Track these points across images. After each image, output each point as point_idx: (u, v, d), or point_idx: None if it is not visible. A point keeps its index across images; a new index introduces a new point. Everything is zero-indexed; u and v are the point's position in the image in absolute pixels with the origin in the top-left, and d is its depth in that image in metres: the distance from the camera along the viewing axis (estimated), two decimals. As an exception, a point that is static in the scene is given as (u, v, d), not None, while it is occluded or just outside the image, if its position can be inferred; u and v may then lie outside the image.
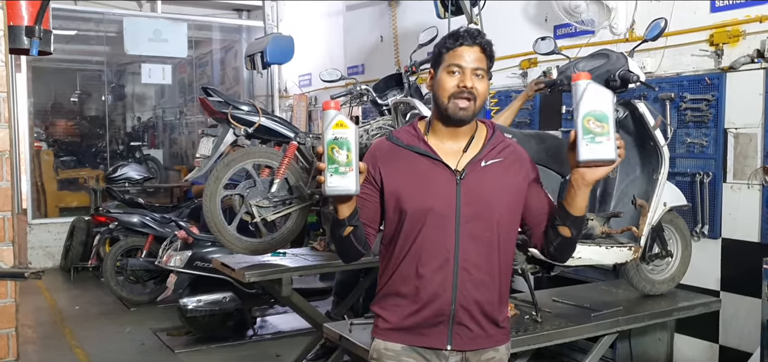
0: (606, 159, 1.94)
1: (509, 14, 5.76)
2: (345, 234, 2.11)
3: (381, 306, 2.27)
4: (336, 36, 8.65)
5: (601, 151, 1.94)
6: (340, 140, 1.95)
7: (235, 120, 4.43)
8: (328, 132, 1.96)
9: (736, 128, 4.27)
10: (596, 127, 1.93)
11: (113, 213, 7.48)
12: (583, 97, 1.94)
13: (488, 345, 2.24)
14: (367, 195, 2.20)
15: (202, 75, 12.31)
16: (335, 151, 1.95)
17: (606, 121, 1.93)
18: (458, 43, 2.15)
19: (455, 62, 2.14)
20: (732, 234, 4.34)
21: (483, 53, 2.15)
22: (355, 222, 2.10)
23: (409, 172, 2.18)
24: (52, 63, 11.28)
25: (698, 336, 4.52)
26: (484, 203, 2.16)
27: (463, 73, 2.13)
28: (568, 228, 2.14)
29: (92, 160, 11.68)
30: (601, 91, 1.95)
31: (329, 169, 1.95)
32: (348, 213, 2.07)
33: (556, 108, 5.39)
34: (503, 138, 2.26)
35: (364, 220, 2.19)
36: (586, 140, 1.94)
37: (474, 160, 2.18)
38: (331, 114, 1.97)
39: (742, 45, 4.21)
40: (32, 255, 9.40)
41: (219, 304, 5.83)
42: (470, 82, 2.13)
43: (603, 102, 1.94)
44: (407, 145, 2.21)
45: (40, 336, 6.31)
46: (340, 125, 1.96)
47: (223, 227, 4.34)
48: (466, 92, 2.13)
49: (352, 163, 1.95)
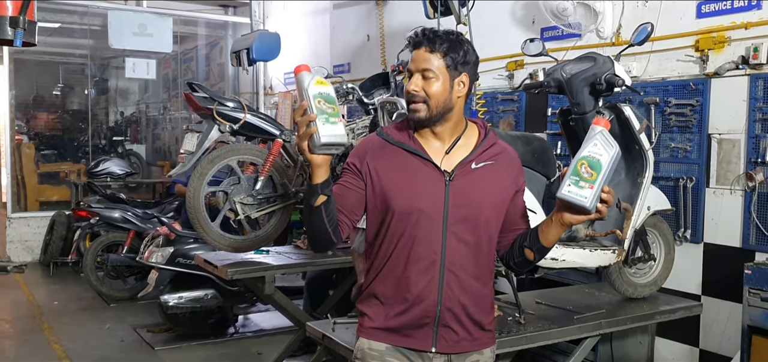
0: (581, 206, 1.96)
1: (497, 15, 5.76)
2: (317, 203, 2.04)
3: (366, 304, 2.25)
4: (322, 34, 8.62)
5: (580, 197, 1.95)
6: (324, 94, 2.01)
7: (220, 116, 4.39)
8: (312, 88, 2.00)
9: (719, 134, 4.30)
10: (585, 173, 1.96)
11: (94, 208, 7.41)
12: (590, 141, 1.98)
13: (473, 348, 2.23)
14: (351, 185, 2.17)
15: (187, 70, 12.23)
16: (322, 103, 1.99)
17: (597, 171, 1.95)
18: (410, 48, 2.17)
19: (409, 68, 2.16)
20: (714, 239, 4.37)
21: (431, 52, 2.11)
22: (328, 193, 2.05)
23: (398, 169, 2.16)
24: (34, 55, 11.15)
25: (679, 339, 4.55)
26: (472, 206, 2.15)
27: (415, 78, 2.14)
28: (533, 253, 2.17)
29: (74, 154, 11.55)
30: (607, 142, 1.97)
31: (320, 118, 1.96)
32: (323, 178, 2.02)
33: (542, 110, 5.41)
34: (496, 140, 2.25)
35: (342, 208, 2.14)
36: (570, 180, 1.97)
37: (464, 162, 2.16)
38: (309, 75, 2.03)
39: (727, 51, 4.24)
40: (11, 250, 9.29)
41: (200, 301, 5.80)
42: (414, 85, 2.12)
43: (604, 153, 1.96)
44: (397, 142, 2.19)
45: (17, 331, 6.23)
46: (321, 83, 2.02)
47: (207, 224, 4.31)
48: (412, 96, 2.13)
49: (338, 114, 2.00)
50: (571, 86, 3.60)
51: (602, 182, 1.95)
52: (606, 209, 1.98)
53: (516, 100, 5.66)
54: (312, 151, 1.97)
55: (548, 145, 3.92)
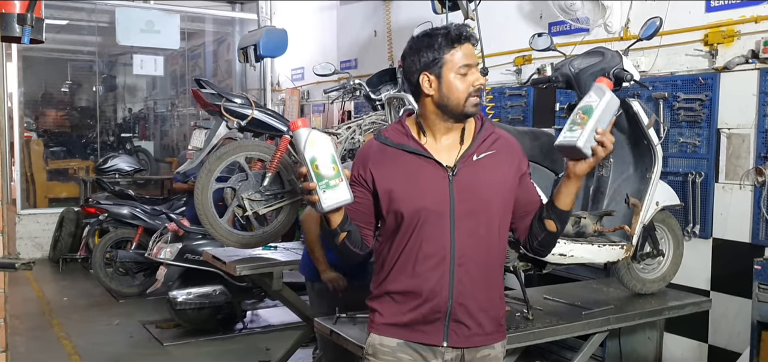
0: (573, 145, 1.99)
1: (505, 10, 5.75)
2: (340, 241, 2.13)
3: (377, 301, 2.26)
4: (329, 30, 8.61)
5: (572, 138, 1.99)
6: (321, 156, 1.94)
7: (228, 112, 4.40)
8: (307, 150, 1.94)
9: (729, 128, 4.28)
10: (579, 118, 2.01)
11: (103, 205, 7.44)
12: (588, 95, 2.03)
13: (484, 342, 2.23)
14: (359, 199, 2.16)
15: (195, 67, 12.26)
16: (321, 167, 1.94)
17: (589, 114, 1.99)
18: (459, 43, 2.11)
19: (464, 63, 2.11)
20: (723, 234, 4.35)
21: (474, 46, 2.18)
22: (348, 228, 2.11)
23: (399, 171, 2.16)
24: (42, 52, 11.20)
25: (687, 335, 4.54)
26: (478, 198, 2.14)
27: (473, 72, 2.12)
28: (554, 222, 2.18)
29: (82, 150, 11.61)
30: (602, 91, 2.01)
31: (320, 187, 1.94)
32: (340, 221, 2.08)
33: (549, 105, 5.39)
34: (493, 129, 2.24)
35: (360, 223, 2.19)
36: (566, 128, 2.03)
37: (465, 155, 2.16)
38: (304, 132, 1.95)
39: (737, 45, 4.22)
40: (21, 246, 9.34)
41: (209, 297, 5.82)
42: (480, 79, 2.13)
43: (597, 100, 2.00)
44: (397, 145, 2.19)
45: (27, 327, 6.26)
46: (316, 143, 1.95)
47: (215, 220, 4.32)
48: (480, 91, 2.13)
49: (340, 173, 1.95)
50: (579, 81, 3.58)
51: (595, 124, 1.98)
52: (602, 151, 2.01)
53: (524, 95, 5.65)
54: (319, 212, 2.01)
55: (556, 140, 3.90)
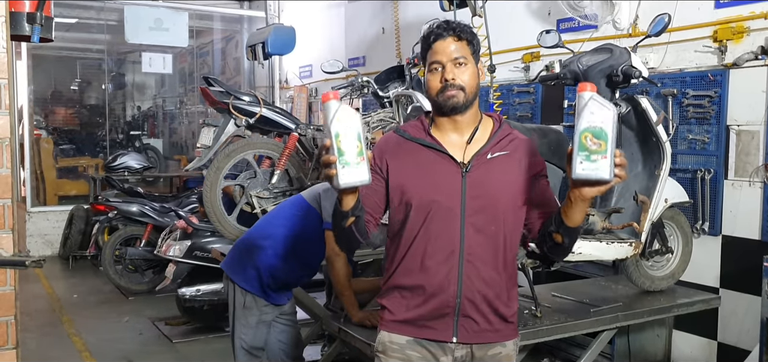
0: (600, 179, 1.83)
1: (512, 8, 5.74)
2: (347, 224, 2.09)
3: (387, 298, 2.26)
4: (337, 27, 8.62)
5: (596, 170, 1.82)
6: (346, 131, 1.87)
7: (236, 110, 4.42)
8: (334, 124, 1.87)
9: (738, 125, 4.26)
10: (593, 145, 1.82)
11: (112, 202, 7.48)
12: (584, 111, 1.83)
13: (495, 339, 2.22)
14: (372, 185, 2.12)
15: (203, 65, 12.29)
16: (344, 143, 1.87)
17: (604, 139, 1.81)
18: (433, 40, 2.16)
19: (434, 59, 2.15)
20: (732, 231, 4.34)
21: (459, 40, 2.14)
22: (358, 213, 2.08)
23: (414, 164, 2.17)
24: (52, 51, 11.25)
25: (697, 332, 4.53)
26: (490, 196, 2.14)
27: (444, 68, 2.13)
28: (561, 237, 2.09)
29: (92, 148, 11.66)
30: (603, 105, 1.82)
31: (340, 162, 1.87)
32: (352, 204, 2.04)
33: (558, 102, 5.38)
34: (510, 130, 2.25)
35: (368, 208, 2.16)
36: (581, 157, 1.83)
37: (480, 153, 2.17)
38: (334, 104, 1.88)
39: (746, 41, 4.20)
40: (31, 243, 9.39)
41: (218, 294, 5.82)
42: (450, 73, 2.12)
43: (604, 118, 1.81)
44: (414, 138, 2.21)
45: (38, 324, 6.30)
46: (343, 117, 1.88)
47: (223, 217, 4.33)
48: (449, 85, 2.12)
49: (362, 152, 1.88)
50: (587, 78, 3.57)
51: (612, 147, 1.82)
52: (624, 173, 1.88)
53: (532, 92, 5.64)
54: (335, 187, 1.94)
55: (564, 137, 3.89)
